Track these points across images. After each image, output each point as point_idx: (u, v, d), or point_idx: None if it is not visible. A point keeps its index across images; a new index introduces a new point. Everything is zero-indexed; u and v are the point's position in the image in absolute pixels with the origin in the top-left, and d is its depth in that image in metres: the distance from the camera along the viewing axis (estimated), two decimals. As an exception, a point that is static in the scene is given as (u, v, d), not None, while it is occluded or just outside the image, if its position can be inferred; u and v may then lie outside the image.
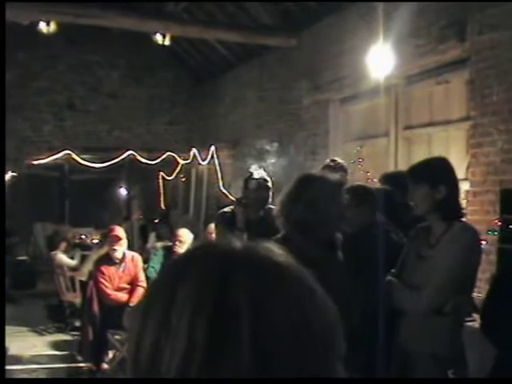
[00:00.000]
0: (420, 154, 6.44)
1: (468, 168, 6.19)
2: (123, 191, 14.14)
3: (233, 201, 6.75)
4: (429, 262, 3.18)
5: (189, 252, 0.95)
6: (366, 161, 7.74)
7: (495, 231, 5.60)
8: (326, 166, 5.17)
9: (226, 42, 10.68)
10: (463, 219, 3.40)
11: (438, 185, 3.26)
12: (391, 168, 7.06)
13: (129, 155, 12.42)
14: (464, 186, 6.26)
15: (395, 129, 7.49)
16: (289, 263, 0.89)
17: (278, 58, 9.92)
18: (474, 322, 4.57)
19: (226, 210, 5.29)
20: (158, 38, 10.06)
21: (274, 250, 0.91)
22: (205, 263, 0.86)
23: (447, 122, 6.76)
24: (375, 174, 6.93)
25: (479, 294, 5.17)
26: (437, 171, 3.39)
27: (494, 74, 5.81)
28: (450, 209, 3.27)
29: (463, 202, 6.17)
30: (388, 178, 4.75)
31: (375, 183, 6.34)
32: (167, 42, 10.18)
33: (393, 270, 3.35)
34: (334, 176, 3.09)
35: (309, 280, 0.90)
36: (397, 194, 3.99)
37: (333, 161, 5.33)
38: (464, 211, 3.36)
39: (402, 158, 7.23)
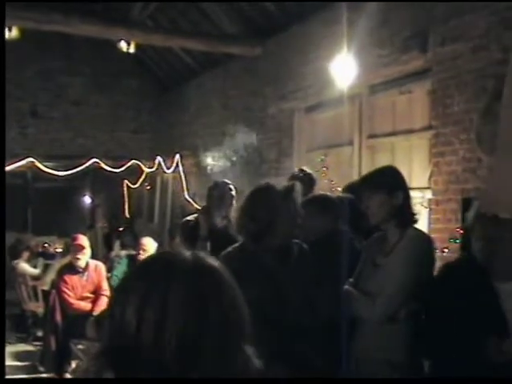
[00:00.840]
0: (383, 163, 6.47)
1: (430, 177, 6.26)
2: (87, 199, 14.02)
3: (197, 209, 6.74)
4: (383, 270, 3.21)
5: (147, 258, 1.43)
6: (331, 169, 7.78)
7: (457, 239, 5.67)
8: (294, 176, 5.18)
9: (191, 50, 10.67)
10: (417, 226, 3.44)
11: (395, 192, 3.29)
12: (355, 176, 7.10)
13: (93, 163, 12.30)
14: (427, 195, 6.34)
15: (359, 137, 7.55)
16: (218, 271, 1.32)
17: (242, 66, 9.94)
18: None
19: (189, 218, 5.28)
20: (123, 45, 10.01)
21: (208, 260, 1.33)
22: (153, 271, 1.30)
23: (410, 132, 6.84)
24: (339, 182, 6.98)
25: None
26: (393, 178, 3.43)
27: (455, 84, 5.89)
28: (406, 215, 3.31)
29: (425, 211, 6.28)
30: (351, 188, 4.78)
31: (339, 192, 6.39)
32: (132, 50, 10.14)
33: (351, 279, 3.37)
34: (282, 185, 3.09)
35: (232, 283, 1.31)
36: (360, 203, 4.01)
37: (301, 170, 5.34)
38: (417, 217, 3.39)
39: (366, 167, 7.27)
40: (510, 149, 1.74)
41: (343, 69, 6.61)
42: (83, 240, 7.38)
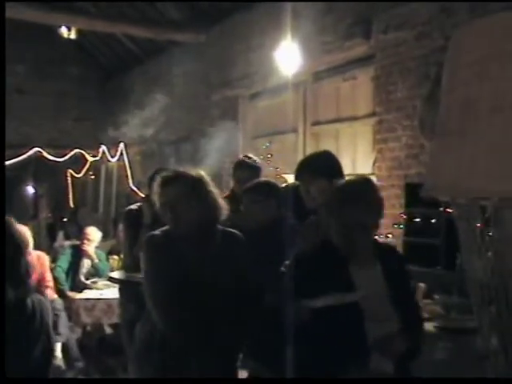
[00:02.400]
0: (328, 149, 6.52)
1: (374, 163, 6.31)
2: (30, 189, 13.75)
3: (141, 197, 6.67)
4: None
5: None
6: (275, 156, 7.79)
7: (400, 225, 5.74)
8: (241, 163, 5.15)
9: (135, 36, 10.53)
10: None
11: (335, 177, 3.30)
12: (300, 163, 7.13)
13: (35, 152, 12.08)
14: (371, 181, 6.39)
15: (303, 124, 7.57)
16: None
17: (187, 53, 9.85)
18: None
19: (132, 207, 5.23)
20: (64, 31, 9.80)
21: None
22: None
23: (354, 118, 6.89)
24: (284, 169, 6.99)
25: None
26: (332, 164, 3.43)
27: (398, 71, 5.95)
28: None
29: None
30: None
31: (284, 178, 6.40)
32: (73, 36, 9.96)
33: (287, 262, 3.35)
34: (191, 174, 3.08)
35: None
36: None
37: (247, 157, 5.32)
38: None
39: (311, 154, 7.31)
40: (446, 133, 1.75)
41: (287, 56, 6.61)
42: (25, 231, 7.23)
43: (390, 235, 5.86)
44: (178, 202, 2.99)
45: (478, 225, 1.71)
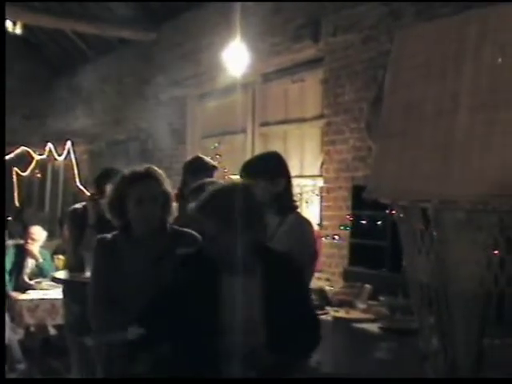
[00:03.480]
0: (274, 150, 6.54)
1: (322, 165, 6.34)
2: (-27, 187, 13.48)
3: (88, 197, 6.58)
4: None
5: None
6: (224, 157, 7.77)
7: (347, 226, 5.78)
8: (193, 163, 5.12)
9: (83, 33, 10.38)
10: (309, 213, 3.47)
11: (276, 178, 3.29)
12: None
13: (-20, 149, 11.82)
14: (318, 183, 6.43)
15: (252, 125, 7.57)
16: None
17: (136, 51, 9.77)
18: (327, 314, 4.70)
19: (77, 206, 5.15)
20: (9, 25, 9.60)
21: None
22: None
23: (302, 120, 6.91)
24: (232, 170, 6.97)
25: (331, 287, 5.33)
26: (275, 165, 3.43)
27: (346, 74, 5.99)
28: (287, 201, 3.31)
29: (317, 198, 6.37)
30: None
31: (232, 179, 6.38)
32: (18, 31, 9.76)
33: None
34: (130, 172, 3.05)
35: None
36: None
37: (200, 158, 5.30)
38: (297, 204, 3.41)
39: (259, 155, 7.32)
40: (389, 135, 1.76)
41: (236, 57, 6.59)
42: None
43: (336, 236, 5.90)
44: (151, 199, 2.97)
45: (420, 227, 1.72)
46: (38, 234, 7.66)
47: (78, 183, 11.12)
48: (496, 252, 1.63)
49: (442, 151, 1.60)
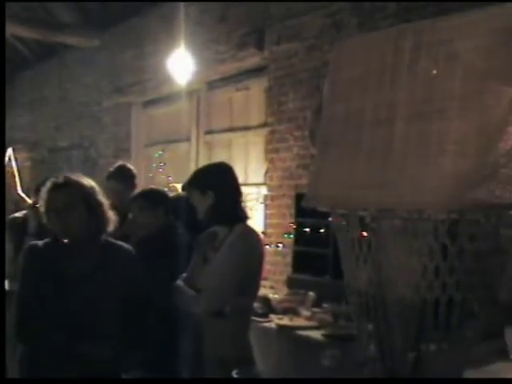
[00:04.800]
0: (220, 159, 6.50)
1: (266, 173, 6.36)
2: None
3: (29, 205, 6.45)
4: (211, 265, 3.21)
5: None
6: (168, 165, 7.73)
7: (291, 234, 5.81)
8: (112, 173, 5.12)
9: (24, 38, 10.20)
10: (253, 221, 3.47)
11: (206, 191, 3.29)
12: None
13: None
14: (262, 191, 6.45)
15: (197, 133, 7.56)
16: None
17: (79, 57, 9.64)
18: (271, 322, 4.71)
19: (17, 214, 5.09)
20: None
21: None
22: None
23: (247, 128, 6.92)
24: (177, 178, 6.95)
25: (275, 294, 5.34)
26: (205, 177, 3.42)
27: (290, 82, 6.03)
28: (222, 214, 3.30)
29: (261, 206, 6.38)
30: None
31: (176, 188, 6.36)
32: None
33: (184, 275, 3.35)
34: (83, 181, 3.01)
35: None
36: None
37: (120, 167, 5.27)
38: (245, 215, 3.39)
39: (203, 163, 7.25)
40: (327, 144, 1.78)
41: (181, 64, 6.56)
42: None
43: (280, 244, 5.92)
44: (66, 209, 2.88)
45: (357, 235, 1.74)
46: (-23, 242, 7.49)
47: (19, 191, 10.90)
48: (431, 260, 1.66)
49: (380, 160, 1.62)
